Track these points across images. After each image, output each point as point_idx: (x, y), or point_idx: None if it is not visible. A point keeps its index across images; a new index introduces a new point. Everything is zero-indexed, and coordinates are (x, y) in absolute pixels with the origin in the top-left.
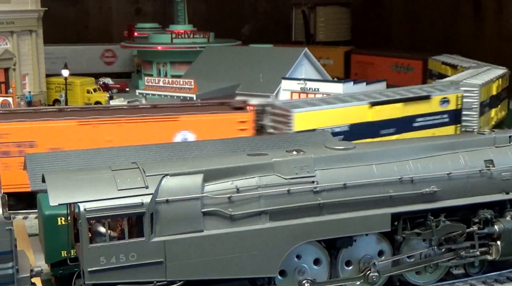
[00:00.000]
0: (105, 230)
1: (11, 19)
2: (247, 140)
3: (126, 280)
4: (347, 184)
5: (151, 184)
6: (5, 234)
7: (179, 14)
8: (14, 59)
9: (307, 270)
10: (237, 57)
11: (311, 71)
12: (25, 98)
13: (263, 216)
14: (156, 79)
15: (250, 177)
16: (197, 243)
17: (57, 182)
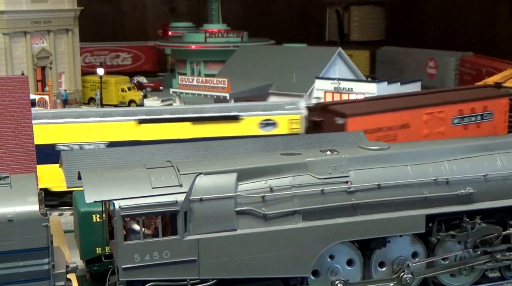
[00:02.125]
0: (139, 228)
1: (48, 18)
2: (280, 140)
3: (159, 277)
4: (382, 184)
5: (185, 182)
6: (42, 230)
7: (213, 13)
8: (50, 57)
9: (340, 270)
10: (271, 56)
11: (345, 71)
12: (61, 97)
13: (297, 216)
14: (190, 78)
15: (284, 176)
16: (230, 242)
17: (93, 180)
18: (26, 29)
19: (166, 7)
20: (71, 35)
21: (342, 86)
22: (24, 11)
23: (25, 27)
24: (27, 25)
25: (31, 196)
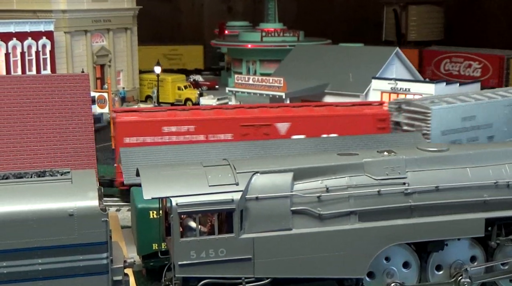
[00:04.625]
0: (196, 225)
1: (107, 17)
2: (336, 140)
3: (214, 275)
4: (440, 186)
5: (241, 181)
6: (101, 225)
7: (270, 13)
8: (109, 56)
9: (396, 272)
10: (327, 56)
11: (402, 71)
12: (119, 94)
13: (352, 216)
14: (245, 77)
15: (340, 176)
16: (285, 241)
17: (151, 177)
18: (87, 28)
19: (223, 6)
20: (129, 34)
21: (399, 87)
22: (85, 10)
23: (86, 26)
24: (88, 24)
25: (91, 191)
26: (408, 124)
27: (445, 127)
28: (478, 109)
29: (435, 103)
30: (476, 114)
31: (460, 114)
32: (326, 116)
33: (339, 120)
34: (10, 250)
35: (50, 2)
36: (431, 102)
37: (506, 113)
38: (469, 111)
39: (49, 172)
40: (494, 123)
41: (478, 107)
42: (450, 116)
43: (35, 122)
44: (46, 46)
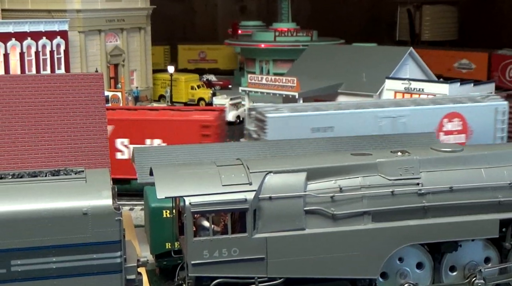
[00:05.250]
0: (209, 224)
1: (121, 16)
2: (350, 140)
3: (228, 274)
4: (454, 187)
5: (255, 180)
6: (114, 224)
7: (283, 12)
8: (123, 55)
9: (409, 273)
10: (340, 56)
11: (416, 71)
12: (132, 93)
13: (366, 217)
14: (259, 77)
15: (354, 176)
16: (298, 241)
17: (164, 176)
18: (101, 28)
19: (236, 6)
20: (143, 33)
21: (413, 87)
22: (99, 9)
23: (100, 26)
24: (102, 24)
25: (105, 190)
26: (256, 132)
27: (287, 137)
28: (337, 120)
29: (275, 111)
30: (335, 125)
31: (309, 124)
32: (150, 120)
33: (163, 125)
34: (25, 248)
35: (65, 2)
36: (275, 110)
37: (381, 125)
38: (322, 121)
39: (64, 171)
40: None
41: (337, 118)
42: (292, 125)
43: (49, 121)
44: (60, 46)
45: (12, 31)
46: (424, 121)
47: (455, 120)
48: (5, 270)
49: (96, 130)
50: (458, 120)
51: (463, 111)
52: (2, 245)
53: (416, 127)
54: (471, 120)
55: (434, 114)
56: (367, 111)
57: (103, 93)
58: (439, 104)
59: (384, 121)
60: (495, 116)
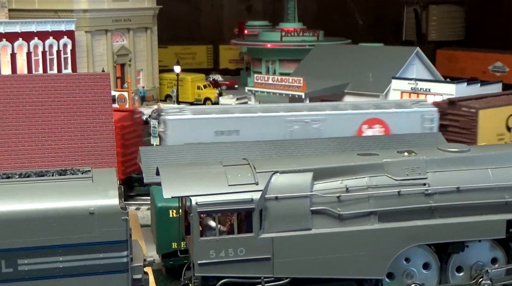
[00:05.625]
0: (215, 224)
1: (128, 16)
2: (356, 140)
3: (234, 274)
4: (461, 187)
5: (261, 180)
6: (121, 224)
7: (289, 12)
8: (130, 55)
9: (416, 274)
10: (347, 56)
11: (422, 71)
12: (138, 93)
13: (372, 217)
14: (265, 76)
15: (360, 176)
16: (305, 241)
17: (171, 176)
18: (107, 27)
19: (243, 6)
20: (149, 33)
21: (420, 87)
22: (105, 9)
23: (106, 25)
24: (108, 23)
25: (112, 190)
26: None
27: (188, 140)
28: (243, 123)
29: (176, 113)
30: (240, 129)
31: (213, 128)
32: None
33: None
34: (31, 247)
35: (72, 2)
36: (177, 112)
37: (292, 130)
38: (227, 125)
39: (70, 171)
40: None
41: (243, 121)
42: (194, 128)
43: (56, 121)
44: (67, 46)
45: (19, 31)
46: (341, 127)
47: (376, 127)
48: (12, 269)
49: (103, 130)
50: (379, 126)
51: (385, 118)
52: (9, 245)
53: (332, 133)
54: (394, 127)
55: (352, 120)
56: (276, 115)
57: (109, 93)
58: (359, 110)
59: (295, 126)
60: (422, 124)
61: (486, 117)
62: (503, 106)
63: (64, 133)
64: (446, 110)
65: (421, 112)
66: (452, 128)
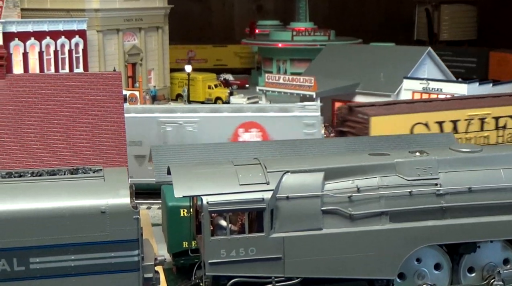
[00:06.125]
0: (226, 224)
1: (139, 16)
2: (367, 140)
3: (244, 273)
4: (472, 187)
5: (272, 180)
6: (132, 223)
7: (300, 12)
8: (141, 54)
9: (427, 274)
10: (358, 55)
11: (434, 71)
12: (150, 93)
13: (383, 217)
14: (276, 76)
15: (372, 176)
16: (315, 241)
17: (182, 175)
18: (119, 27)
19: (254, 5)
20: (161, 32)
21: (431, 87)
22: (117, 9)
23: (118, 25)
24: (120, 23)
25: (123, 189)
26: None
27: None
28: None
29: None
30: None
31: None
32: None
33: None
34: (43, 246)
35: (83, 1)
36: None
37: (164, 132)
38: None
39: (82, 169)
40: (144, 141)
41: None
42: None
43: (68, 120)
44: (79, 45)
45: (31, 30)
46: (216, 130)
47: (253, 131)
48: (24, 267)
49: (114, 129)
50: (256, 130)
51: (262, 121)
52: (21, 243)
53: (206, 136)
54: (272, 131)
55: (228, 122)
56: (149, 117)
57: (121, 92)
58: (236, 113)
59: (168, 127)
60: (302, 129)
61: (380, 124)
62: (406, 114)
63: (76, 132)
64: (345, 117)
65: (300, 118)
66: (350, 135)
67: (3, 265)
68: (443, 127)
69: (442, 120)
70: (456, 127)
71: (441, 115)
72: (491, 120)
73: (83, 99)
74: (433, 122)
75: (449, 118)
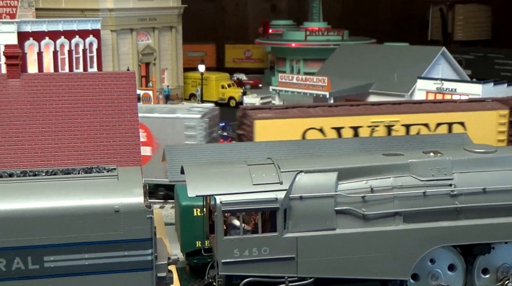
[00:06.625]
0: (240, 223)
1: (153, 15)
2: (381, 140)
3: (258, 273)
4: (487, 188)
5: (286, 180)
6: (146, 222)
7: (314, 11)
8: (154, 54)
9: (441, 275)
10: (372, 55)
11: (448, 71)
12: (163, 92)
13: (397, 217)
14: (289, 76)
15: (385, 177)
16: (329, 241)
17: (195, 174)
18: (133, 26)
19: (267, 5)
20: (174, 32)
21: (445, 87)
22: (131, 8)
23: (132, 24)
24: (134, 23)
25: (137, 188)
26: None
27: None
28: None
29: None
30: None
31: None
32: None
33: None
34: (57, 244)
35: (98, 1)
36: None
37: None
38: None
39: (96, 169)
40: None
41: None
42: None
43: (82, 119)
44: (93, 45)
45: (46, 30)
46: None
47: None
48: (38, 266)
49: (128, 128)
50: (142, 131)
51: (146, 122)
52: (36, 241)
53: None
54: (156, 132)
55: None
56: None
57: (135, 92)
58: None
59: None
60: (184, 131)
61: (265, 128)
62: (297, 118)
63: (90, 131)
64: (241, 119)
65: (182, 119)
66: (243, 138)
67: (18, 264)
68: (341, 134)
69: (340, 126)
70: (357, 134)
71: (339, 121)
72: (401, 128)
73: (97, 99)
74: (329, 128)
75: (348, 124)
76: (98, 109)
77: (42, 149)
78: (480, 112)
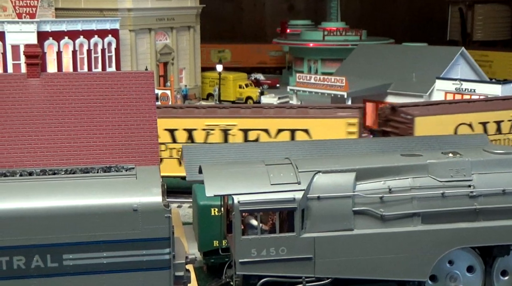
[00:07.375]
0: (257, 223)
1: (171, 15)
2: (400, 141)
3: (275, 273)
4: (506, 190)
5: (303, 180)
6: (164, 221)
7: (332, 11)
8: (172, 54)
9: (460, 277)
10: (390, 56)
11: (467, 71)
12: (181, 92)
13: (415, 218)
14: (307, 76)
15: (404, 177)
16: (346, 242)
17: (214, 174)
18: (151, 26)
19: (285, 5)
20: (192, 32)
21: (464, 87)
22: (149, 8)
23: (150, 24)
24: (152, 22)
25: (155, 187)
26: None
27: None
28: None
29: None
30: None
31: None
32: None
33: None
34: (76, 243)
35: (116, 1)
36: None
37: None
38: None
39: (115, 168)
40: None
41: None
42: None
43: (101, 118)
44: (111, 44)
45: (65, 29)
46: None
47: None
48: (57, 264)
49: (147, 127)
50: None
51: None
52: (55, 239)
53: None
54: None
55: None
56: None
57: (153, 91)
58: None
59: None
60: None
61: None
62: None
63: (109, 131)
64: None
65: None
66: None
67: (37, 261)
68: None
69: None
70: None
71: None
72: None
73: (116, 98)
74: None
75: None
76: (117, 108)
77: (62, 148)
78: (327, 119)
